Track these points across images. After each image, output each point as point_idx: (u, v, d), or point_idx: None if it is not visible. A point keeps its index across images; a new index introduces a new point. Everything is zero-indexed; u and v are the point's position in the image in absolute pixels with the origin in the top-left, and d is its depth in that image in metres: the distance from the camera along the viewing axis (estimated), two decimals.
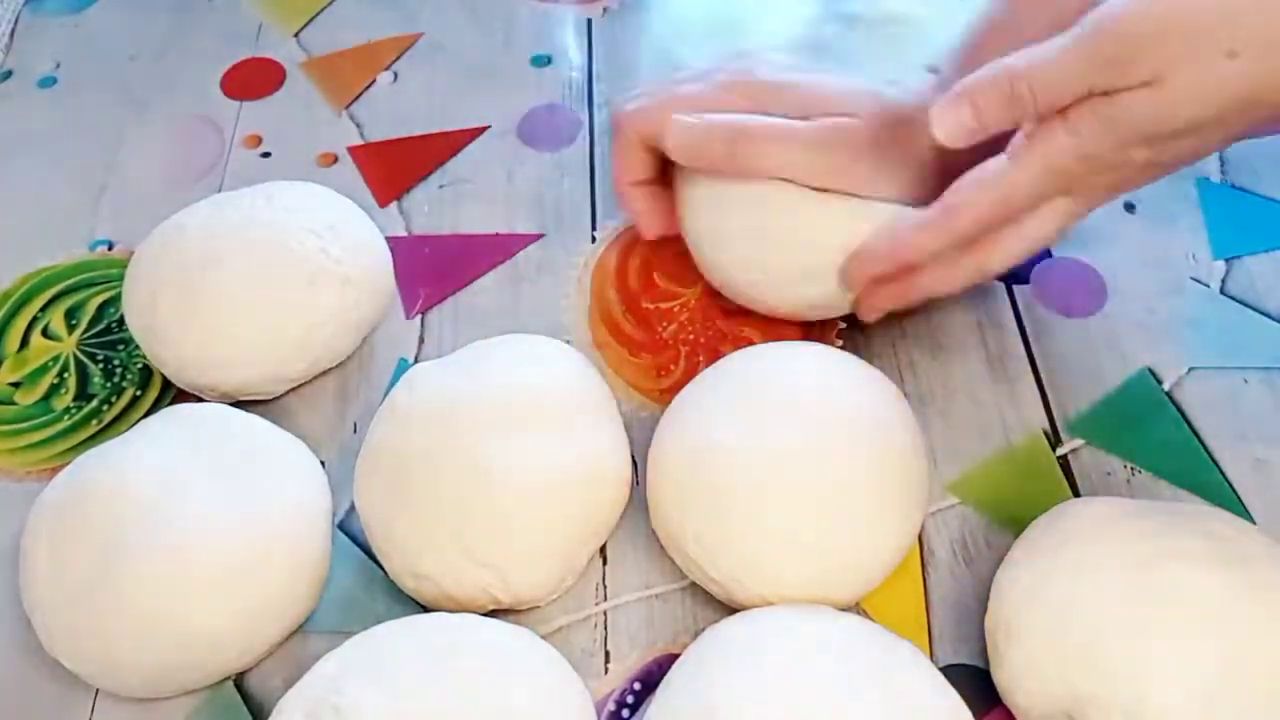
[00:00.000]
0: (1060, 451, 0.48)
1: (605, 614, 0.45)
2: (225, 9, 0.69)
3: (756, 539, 0.41)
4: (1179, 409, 0.49)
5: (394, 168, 0.60)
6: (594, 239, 0.56)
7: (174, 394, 0.51)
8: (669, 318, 0.53)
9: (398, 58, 0.65)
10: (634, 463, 0.47)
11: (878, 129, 0.47)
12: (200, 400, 0.49)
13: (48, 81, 0.65)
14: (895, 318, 0.52)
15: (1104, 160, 0.40)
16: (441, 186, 0.59)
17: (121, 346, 0.53)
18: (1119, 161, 0.40)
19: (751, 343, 0.51)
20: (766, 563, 0.41)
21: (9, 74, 0.66)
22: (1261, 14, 0.36)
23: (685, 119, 0.48)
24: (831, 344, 0.50)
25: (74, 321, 0.54)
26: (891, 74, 0.49)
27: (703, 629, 0.42)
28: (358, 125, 0.62)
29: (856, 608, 0.44)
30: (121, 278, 0.51)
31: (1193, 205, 0.56)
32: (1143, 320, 0.52)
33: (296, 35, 0.67)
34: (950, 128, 0.41)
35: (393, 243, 0.54)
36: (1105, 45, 0.38)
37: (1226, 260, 0.54)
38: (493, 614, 0.43)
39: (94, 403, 0.52)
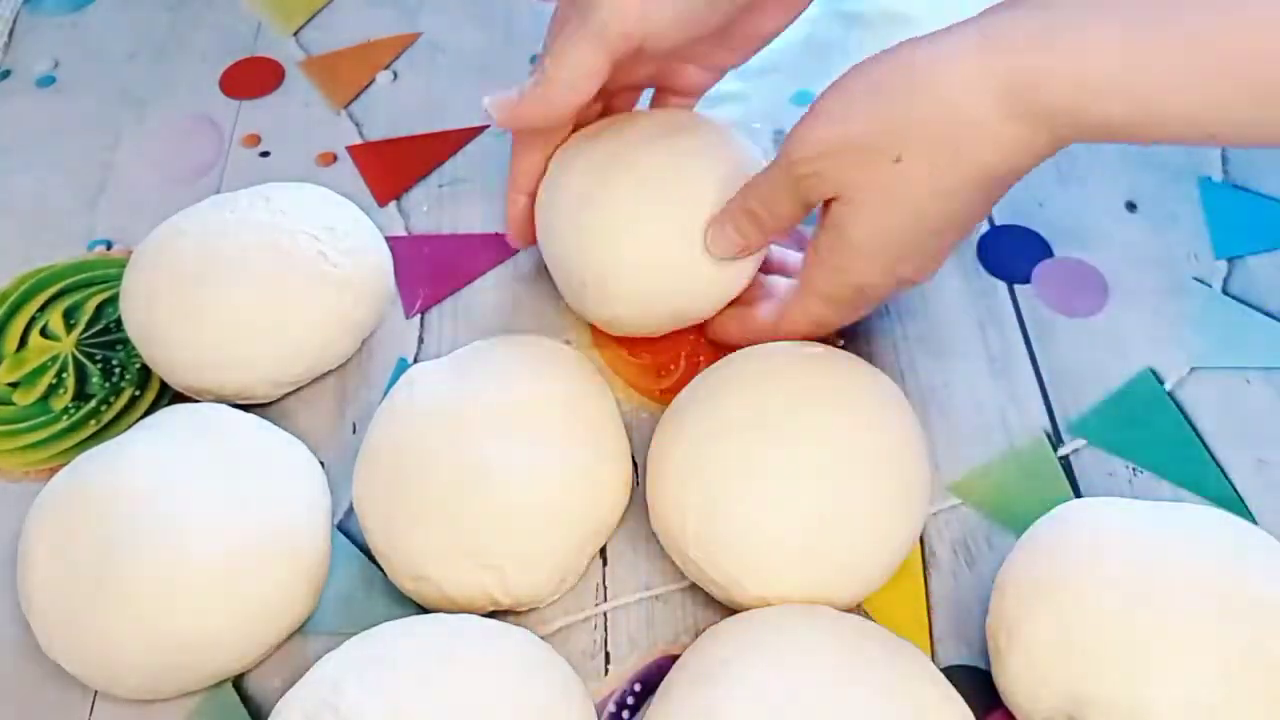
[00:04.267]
0: (1062, 452, 0.48)
1: (605, 615, 0.45)
2: (224, 8, 0.69)
3: (757, 540, 0.41)
4: (1181, 409, 0.49)
5: (393, 167, 0.60)
6: None
7: (172, 394, 0.51)
8: None
9: (397, 57, 0.65)
10: (634, 463, 0.47)
11: None
12: (199, 401, 0.49)
13: (46, 81, 0.65)
14: (896, 318, 0.52)
15: (847, 293, 0.45)
16: (441, 186, 0.59)
17: (120, 346, 0.53)
18: (861, 284, 0.45)
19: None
20: (767, 564, 0.41)
21: (7, 73, 0.66)
22: (921, 125, 0.39)
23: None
24: (832, 344, 0.50)
25: (72, 321, 0.54)
26: None
27: (703, 629, 0.42)
28: (357, 124, 0.62)
29: (858, 609, 0.44)
30: (120, 277, 0.51)
31: (1194, 204, 0.56)
32: (1144, 320, 0.52)
33: (295, 34, 0.67)
34: (724, 247, 0.47)
35: (392, 242, 0.54)
36: (794, 169, 0.42)
37: (1228, 260, 0.54)
38: (493, 615, 0.43)
39: (92, 403, 0.51)
